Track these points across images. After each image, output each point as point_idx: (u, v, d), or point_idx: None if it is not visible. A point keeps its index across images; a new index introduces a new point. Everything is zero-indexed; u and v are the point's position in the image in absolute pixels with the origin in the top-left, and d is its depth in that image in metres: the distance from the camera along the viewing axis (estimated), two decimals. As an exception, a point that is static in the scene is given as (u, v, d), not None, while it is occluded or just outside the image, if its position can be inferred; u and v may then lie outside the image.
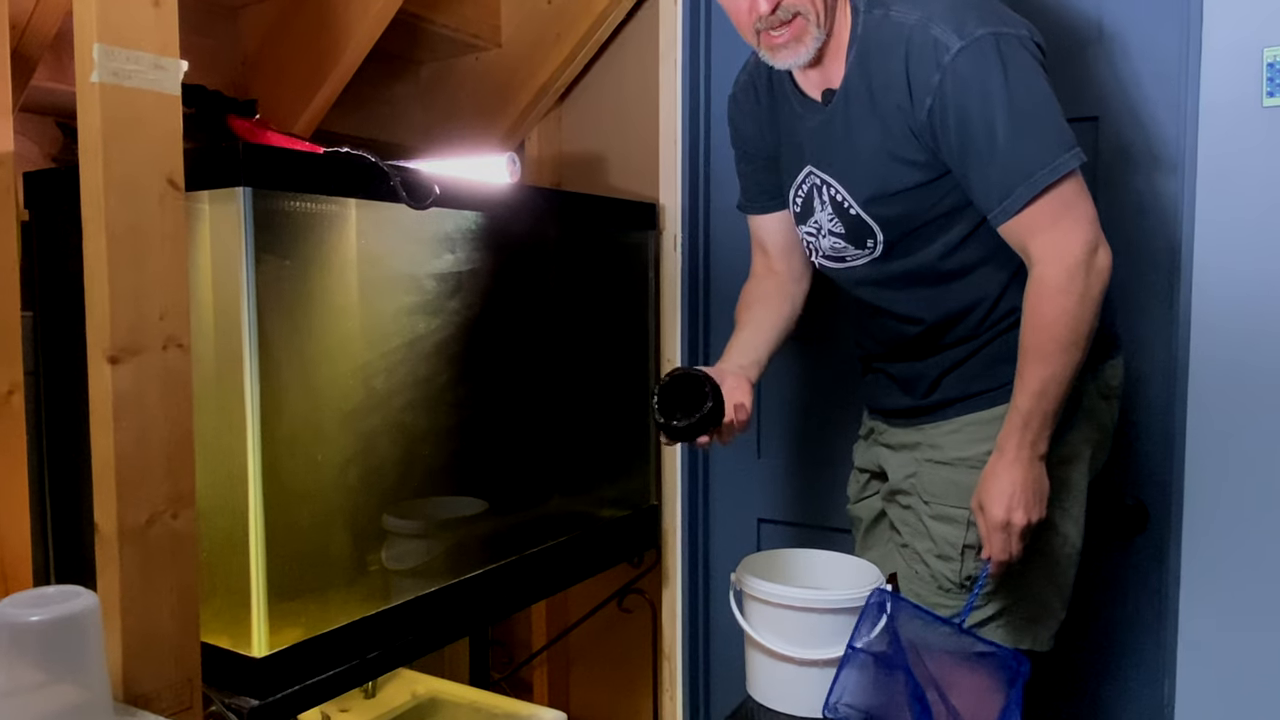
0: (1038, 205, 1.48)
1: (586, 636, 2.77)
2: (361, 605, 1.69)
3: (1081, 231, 1.48)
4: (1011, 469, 1.53)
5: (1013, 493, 1.53)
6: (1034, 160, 1.47)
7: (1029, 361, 1.52)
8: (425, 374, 1.81)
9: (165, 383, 1.33)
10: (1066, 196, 1.48)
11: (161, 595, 1.34)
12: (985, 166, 1.51)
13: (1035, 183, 1.47)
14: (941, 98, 1.50)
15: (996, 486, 1.54)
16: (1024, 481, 1.53)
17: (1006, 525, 1.53)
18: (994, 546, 1.56)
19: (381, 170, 1.65)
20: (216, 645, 1.52)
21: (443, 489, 1.89)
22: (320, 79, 2.14)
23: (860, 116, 1.61)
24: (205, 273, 1.51)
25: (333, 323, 1.64)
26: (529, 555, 2.05)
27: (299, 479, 1.59)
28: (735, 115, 1.91)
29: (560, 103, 2.70)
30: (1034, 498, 1.54)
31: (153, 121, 1.30)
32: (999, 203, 1.50)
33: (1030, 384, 1.51)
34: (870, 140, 1.61)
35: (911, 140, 1.57)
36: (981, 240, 1.62)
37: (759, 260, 1.95)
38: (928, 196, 1.61)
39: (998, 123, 1.48)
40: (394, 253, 1.74)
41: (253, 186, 1.46)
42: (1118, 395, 1.73)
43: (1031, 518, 1.54)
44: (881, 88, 1.57)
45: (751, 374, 1.76)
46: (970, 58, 1.48)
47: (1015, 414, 1.53)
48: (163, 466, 1.33)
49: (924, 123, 1.53)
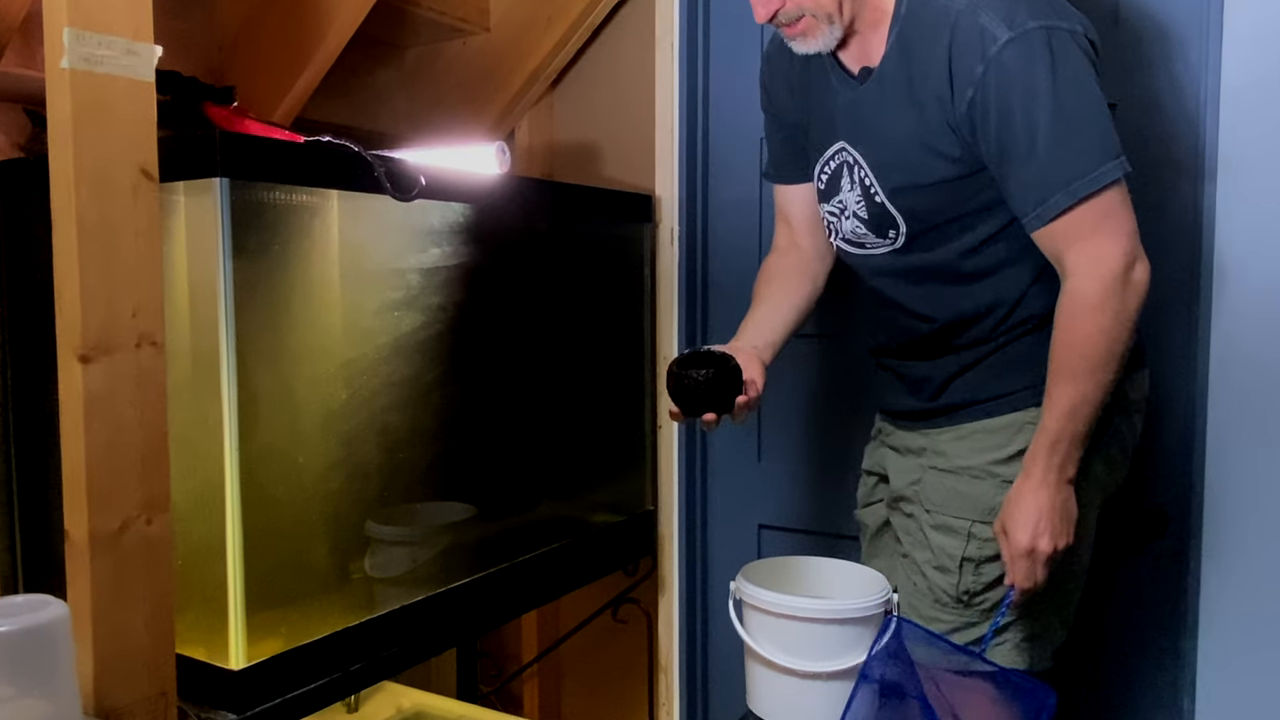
0: (1075, 213, 1.47)
1: (579, 648, 2.77)
2: (344, 615, 1.69)
3: (1119, 244, 1.47)
4: (1038, 492, 1.52)
5: (1039, 518, 1.52)
6: (1075, 168, 1.46)
7: (1059, 381, 1.51)
8: (410, 373, 1.81)
9: (139, 383, 1.33)
10: (1106, 206, 1.47)
11: (135, 605, 1.34)
12: (1023, 168, 1.49)
13: (1074, 191, 1.46)
14: (984, 90, 1.48)
15: (1022, 511, 1.53)
16: (1051, 506, 1.52)
17: (1031, 552, 1.52)
18: (1018, 574, 1.55)
19: (365, 160, 1.65)
20: (192, 657, 1.52)
21: (429, 493, 1.89)
22: (301, 65, 2.14)
23: (895, 102, 1.60)
24: (180, 268, 1.51)
25: (314, 320, 1.64)
26: (519, 563, 2.06)
27: (278, 483, 1.59)
28: (768, 77, 1.89)
29: (552, 89, 2.71)
30: (1061, 523, 1.53)
31: (125, 109, 1.30)
32: (1035, 208, 1.49)
33: (1060, 404, 1.50)
34: (903, 128, 1.60)
35: (947, 133, 1.55)
36: (1006, 242, 1.61)
37: (782, 233, 1.93)
38: (958, 193, 1.60)
39: (1040, 124, 1.46)
40: (378, 246, 1.75)
41: (230, 177, 1.46)
42: (1141, 410, 1.71)
43: (1058, 544, 1.53)
44: (921, 75, 1.56)
45: (765, 354, 1.76)
46: (1018, 51, 1.46)
47: (1043, 435, 1.52)
48: (136, 470, 1.33)
49: (963, 115, 1.52)
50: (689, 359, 1.65)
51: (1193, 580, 1.88)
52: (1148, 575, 1.97)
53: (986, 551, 1.63)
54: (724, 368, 1.63)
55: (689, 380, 1.62)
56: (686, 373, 1.62)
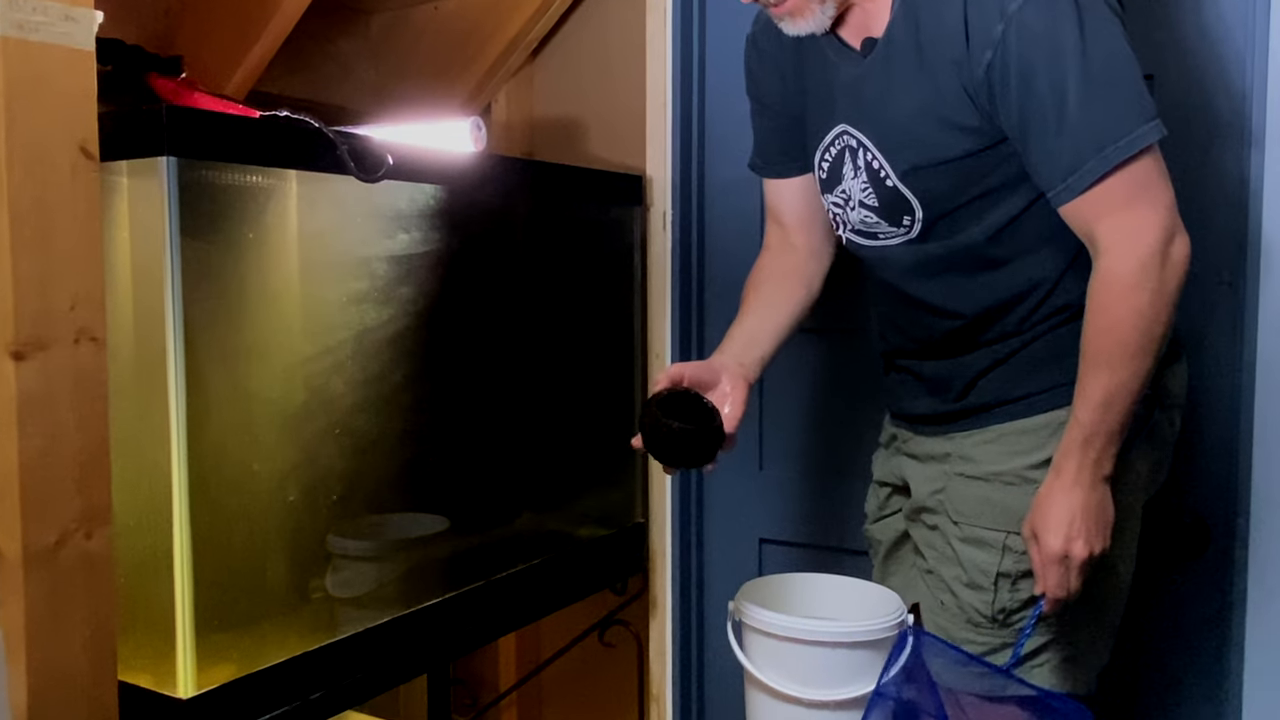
0: (1109, 183, 1.47)
1: (562, 674, 2.78)
2: (303, 638, 1.69)
3: (1158, 217, 1.46)
4: (1071, 493, 1.52)
5: (1072, 520, 1.52)
6: (1108, 131, 1.46)
7: (1092, 369, 1.51)
8: (377, 372, 1.81)
9: (77, 382, 1.33)
10: (1143, 175, 1.47)
11: (73, 627, 1.34)
12: (1050, 136, 1.49)
13: (1107, 157, 1.45)
14: (1004, 52, 1.48)
15: (1054, 513, 1.53)
16: (1085, 507, 1.52)
17: (1065, 558, 1.52)
18: (1049, 581, 1.55)
19: (326, 137, 1.65)
20: (136, 684, 1.52)
21: (397, 504, 1.90)
22: (255, 32, 2.14)
23: (904, 73, 1.60)
24: (123, 255, 1.51)
25: (270, 314, 1.64)
26: (496, 580, 2.06)
27: (231, 493, 1.59)
28: (753, 60, 1.89)
29: (532, 59, 2.71)
30: (1096, 526, 1.53)
31: (63, 81, 1.30)
32: (1064, 178, 1.49)
33: (1093, 395, 1.50)
34: (915, 101, 1.60)
35: (965, 101, 1.55)
36: (1035, 222, 1.61)
37: (774, 233, 1.94)
38: (977, 169, 1.60)
39: (1069, 85, 1.46)
40: (341, 232, 1.75)
41: (178, 156, 1.46)
42: (1180, 405, 1.72)
43: (1094, 549, 1.53)
44: (932, 40, 1.56)
45: (752, 374, 1.76)
46: (1040, 7, 1.46)
47: (1075, 429, 1.52)
48: (74, 479, 1.34)
49: (981, 80, 1.51)
50: (670, 401, 1.64)
51: (1237, 597, 1.89)
52: (1189, 593, 1.98)
53: (1023, 565, 1.63)
54: (707, 426, 1.62)
55: (665, 428, 1.61)
56: (665, 421, 1.61)
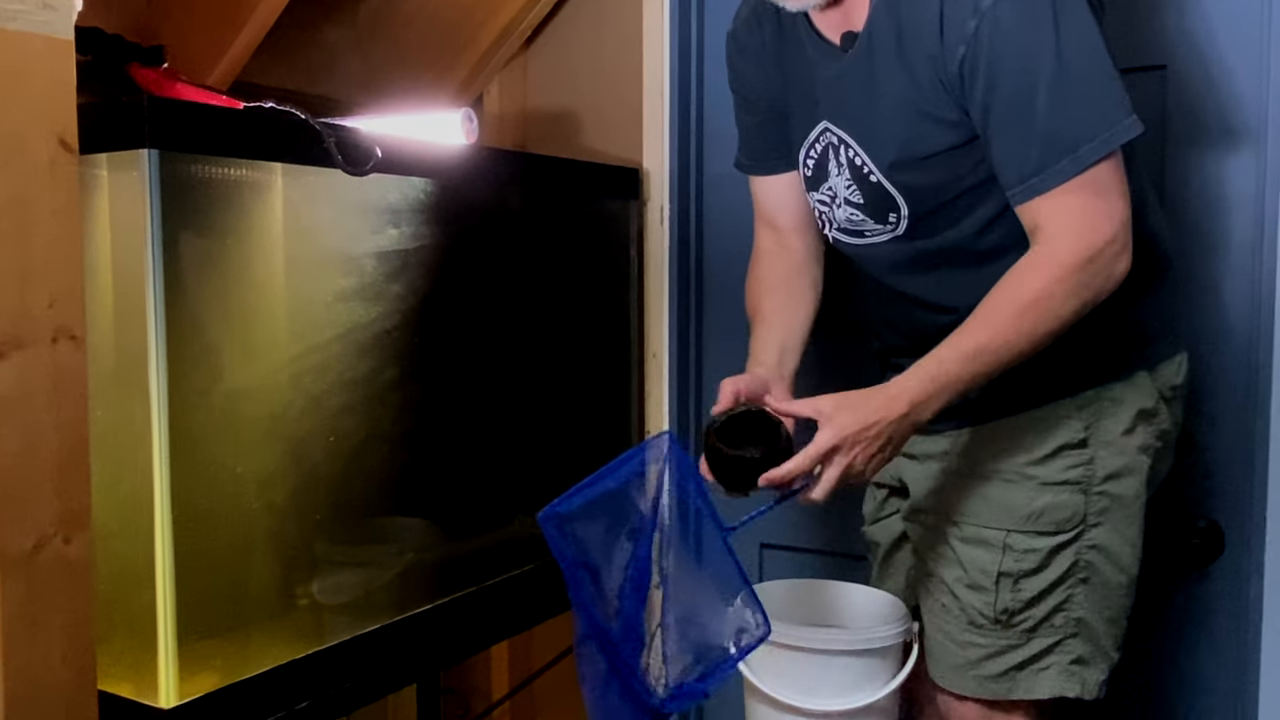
0: (1074, 183, 1.49)
1: (556, 684, 2.77)
2: (289, 646, 1.69)
3: (1112, 225, 1.49)
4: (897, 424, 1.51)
5: (877, 431, 1.51)
6: (1083, 131, 1.48)
7: (979, 324, 1.52)
8: (366, 372, 1.81)
9: (55, 382, 1.33)
10: (1103, 181, 1.50)
11: (51, 635, 1.34)
12: (1017, 133, 1.51)
13: (1081, 157, 1.48)
14: (975, 48, 1.51)
15: (866, 410, 1.51)
16: (893, 439, 1.52)
17: (848, 465, 1.51)
18: (797, 464, 1.52)
19: (313, 129, 1.65)
20: (116, 694, 1.52)
21: (386, 508, 1.90)
22: (239, 21, 2.13)
23: (885, 66, 1.62)
24: (103, 251, 1.51)
25: (255, 312, 1.64)
26: (488, 587, 2.06)
27: (215, 497, 1.59)
28: (735, 56, 1.91)
29: (526, 48, 2.71)
30: (881, 455, 1.53)
31: (41, 71, 1.30)
32: (1031, 175, 1.51)
33: (965, 345, 1.52)
34: (895, 94, 1.62)
35: (942, 94, 1.57)
36: None
37: (767, 236, 1.93)
38: (962, 162, 1.62)
39: (1040, 85, 1.48)
40: (328, 228, 1.75)
41: (160, 148, 1.46)
42: (1181, 397, 1.74)
43: (867, 476, 1.54)
44: (912, 32, 1.58)
45: (792, 387, 1.75)
46: (1015, 2, 1.48)
47: (933, 365, 1.52)
48: (52, 481, 1.33)
49: (954, 75, 1.54)
50: (729, 426, 1.60)
51: (1254, 605, 1.89)
52: (1204, 598, 1.98)
53: (1026, 564, 1.64)
54: (774, 447, 1.58)
55: (738, 461, 1.58)
56: (737, 453, 1.58)
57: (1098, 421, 1.66)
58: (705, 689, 1.49)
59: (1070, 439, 1.65)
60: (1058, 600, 1.64)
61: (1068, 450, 1.66)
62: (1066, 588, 1.64)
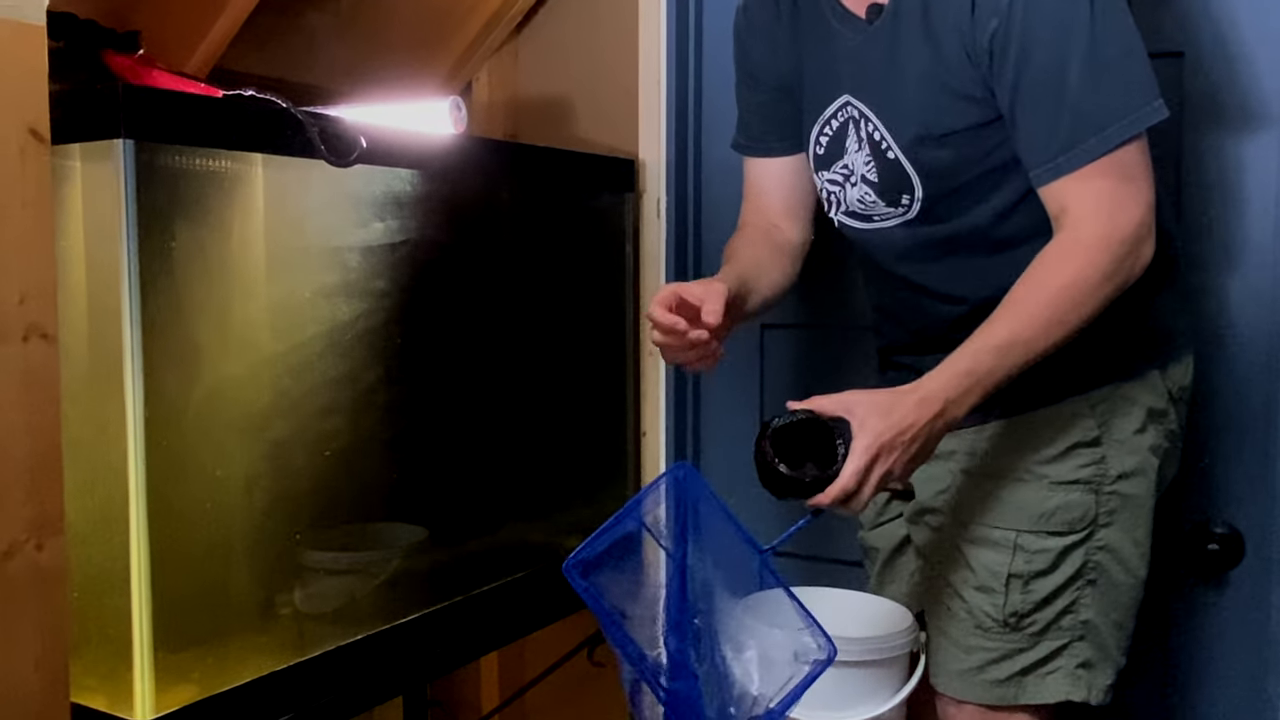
0: (1101, 164, 1.51)
1: (548, 696, 2.78)
2: (270, 657, 1.69)
3: (1140, 208, 1.51)
4: (934, 424, 1.50)
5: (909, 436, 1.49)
6: (1112, 111, 1.50)
7: (1010, 314, 1.52)
8: (351, 371, 1.81)
9: (26, 382, 1.33)
10: (1129, 164, 1.52)
11: (23, 644, 1.34)
12: (1046, 111, 1.53)
13: (1108, 137, 1.50)
14: (1008, 21, 1.52)
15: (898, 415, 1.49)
16: (926, 441, 1.51)
17: (886, 473, 1.49)
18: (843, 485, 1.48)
19: (294, 118, 1.65)
20: (90, 707, 1.52)
21: (371, 513, 1.90)
22: (218, 6, 2.13)
23: (910, 39, 1.63)
24: (76, 246, 1.51)
25: (234, 308, 1.64)
26: (477, 595, 2.06)
27: (193, 501, 1.59)
28: (744, 30, 1.92)
29: (516, 34, 2.70)
30: (912, 460, 1.51)
31: (11, 58, 1.30)
32: (1059, 153, 1.52)
33: (999, 336, 1.51)
34: (920, 69, 1.63)
35: (968, 69, 1.59)
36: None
37: (754, 215, 1.94)
38: (984, 142, 1.63)
39: (1072, 61, 1.50)
40: (310, 221, 1.75)
41: (135, 138, 1.45)
42: (1186, 399, 1.76)
43: (903, 481, 1.54)
44: (940, 5, 1.60)
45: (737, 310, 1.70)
46: None
47: (964, 360, 1.52)
48: (23, 486, 1.33)
49: (984, 49, 1.55)
50: (782, 437, 1.55)
51: (1275, 608, 1.90)
52: (1221, 609, 1.98)
53: (1036, 565, 1.65)
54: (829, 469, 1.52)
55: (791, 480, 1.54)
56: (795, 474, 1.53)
57: (1111, 420, 1.66)
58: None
59: (1083, 437, 1.66)
60: (1066, 602, 1.65)
61: (1081, 449, 1.66)
62: (1075, 589, 1.65)
